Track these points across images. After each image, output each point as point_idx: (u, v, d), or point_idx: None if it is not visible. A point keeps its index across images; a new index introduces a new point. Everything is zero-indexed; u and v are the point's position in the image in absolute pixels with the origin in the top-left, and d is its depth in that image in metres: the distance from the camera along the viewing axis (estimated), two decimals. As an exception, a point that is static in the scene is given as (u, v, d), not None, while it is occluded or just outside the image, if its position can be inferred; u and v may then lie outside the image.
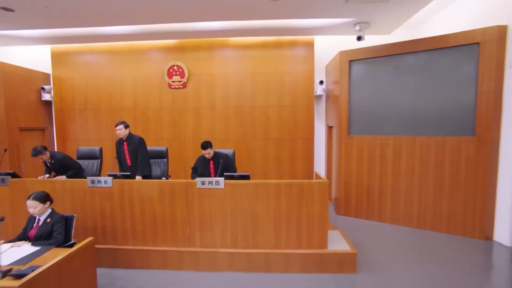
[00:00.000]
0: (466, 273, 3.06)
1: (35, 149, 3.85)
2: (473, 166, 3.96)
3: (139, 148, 3.94)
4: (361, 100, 4.87)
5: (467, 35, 3.91)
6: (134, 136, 4.06)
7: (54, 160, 3.98)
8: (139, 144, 3.98)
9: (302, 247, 3.16)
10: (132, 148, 3.98)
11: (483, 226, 3.94)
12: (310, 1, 4.13)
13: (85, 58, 6.21)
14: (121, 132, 3.91)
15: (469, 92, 3.97)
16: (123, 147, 4.01)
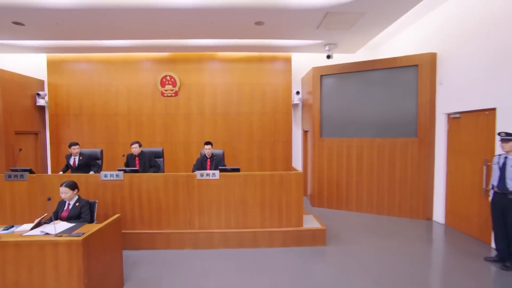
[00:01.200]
0: (412, 244, 3.96)
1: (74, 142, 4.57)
2: (416, 162, 4.97)
3: (150, 162, 4.61)
4: (331, 108, 5.79)
5: (409, 59, 4.98)
6: (145, 153, 4.68)
7: (82, 156, 4.49)
8: (149, 159, 4.63)
9: (282, 225, 3.91)
10: (142, 162, 4.60)
11: (425, 209, 4.94)
12: (288, 27, 5.02)
13: (81, 66, 6.66)
14: (136, 150, 4.64)
15: (412, 103, 5.01)
16: (135, 161, 4.61)
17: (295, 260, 3.47)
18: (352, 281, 2.94)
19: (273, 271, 3.21)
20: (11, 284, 2.16)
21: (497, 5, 3.63)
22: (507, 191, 3.06)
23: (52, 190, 3.81)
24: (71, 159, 4.68)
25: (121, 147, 6.62)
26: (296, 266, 3.33)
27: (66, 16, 4.48)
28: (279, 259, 3.51)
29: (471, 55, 4.07)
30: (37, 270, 2.17)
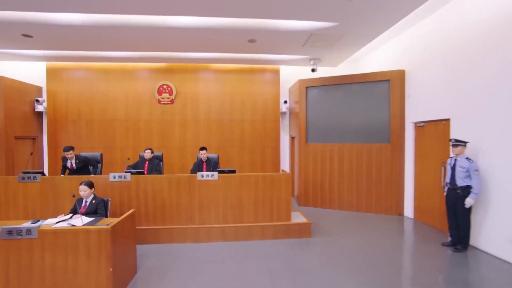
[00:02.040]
0: (385, 235, 4.58)
1: (68, 146, 4.72)
2: (389, 165, 5.66)
3: (157, 167, 5.15)
4: (315, 117, 6.42)
5: (383, 74, 5.71)
6: (154, 160, 5.10)
7: (78, 159, 4.80)
8: (157, 165, 5.10)
9: (273, 220, 4.44)
10: (150, 167, 5.05)
11: (397, 206, 5.62)
12: (278, 44, 5.64)
13: (80, 74, 6.98)
14: (148, 155, 5.07)
15: (385, 112, 5.72)
16: (144, 164, 5.01)
17: (284, 250, 3.99)
18: (333, 266, 3.49)
19: (266, 258, 3.71)
20: (49, 266, 2.55)
21: (450, 34, 4.39)
22: (456, 187, 3.75)
23: (63, 191, 4.17)
24: (68, 162, 4.93)
25: (119, 152, 6.96)
26: (285, 254, 3.85)
27: (74, 30, 4.89)
28: (271, 249, 4.02)
29: (431, 73, 4.82)
30: (71, 254, 2.57)
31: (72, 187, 4.17)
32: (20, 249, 2.53)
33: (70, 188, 4.17)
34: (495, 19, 3.62)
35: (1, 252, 2.51)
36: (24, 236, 2.53)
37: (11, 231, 2.51)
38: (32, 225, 2.64)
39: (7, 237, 2.51)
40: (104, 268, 2.60)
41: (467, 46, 4.05)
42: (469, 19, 4.02)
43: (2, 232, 2.50)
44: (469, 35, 4.02)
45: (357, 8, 4.12)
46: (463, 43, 4.13)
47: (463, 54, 4.14)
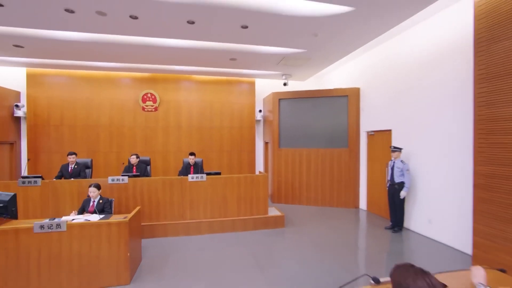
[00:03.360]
0: (344, 224, 5.62)
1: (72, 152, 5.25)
2: (347, 166, 6.79)
3: (144, 171, 5.58)
4: (287, 125, 7.38)
5: (342, 91, 6.85)
6: (141, 164, 5.59)
7: (77, 165, 5.16)
8: (145, 169, 5.59)
9: (253, 214, 5.25)
10: (138, 170, 5.49)
11: (354, 200, 6.77)
12: (255, 62, 6.50)
13: (63, 80, 7.16)
14: (134, 161, 5.49)
15: (344, 122, 6.86)
16: (132, 169, 5.47)
17: (263, 237, 4.82)
18: (303, 248, 4.39)
19: (248, 245, 4.50)
20: (76, 254, 3.08)
21: (393, 61, 5.60)
22: (394, 183, 4.90)
23: (64, 194, 4.56)
24: (68, 167, 5.32)
25: (102, 156, 7.25)
26: (264, 241, 4.68)
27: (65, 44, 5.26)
28: (252, 237, 4.83)
29: (379, 92, 6.02)
30: (95, 243, 3.13)
31: (72, 190, 4.59)
32: (50, 241, 3.03)
33: (71, 191, 4.58)
34: (428, 52, 4.83)
35: (34, 244, 2.99)
36: (54, 230, 3.03)
37: (43, 226, 3.00)
38: (61, 220, 3.14)
39: (39, 230, 2.99)
40: (123, 253, 3.19)
41: (406, 72, 5.26)
42: (409, 51, 5.23)
43: (35, 227, 2.98)
44: (408, 63, 5.24)
45: (321, 40, 5.13)
46: (403, 69, 5.34)
47: (403, 78, 5.35)
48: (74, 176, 5.30)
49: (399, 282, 1.10)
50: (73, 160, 5.32)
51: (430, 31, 4.62)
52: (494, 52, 3.22)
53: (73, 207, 4.57)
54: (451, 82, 4.20)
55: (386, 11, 3.96)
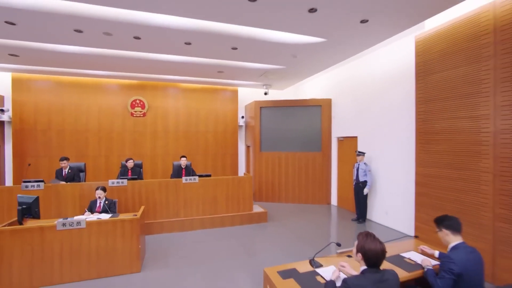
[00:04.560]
0: (318, 217, 6.50)
1: (64, 157, 5.47)
2: (321, 168, 7.72)
3: (139, 174, 5.96)
4: (267, 130, 8.15)
5: (316, 101, 7.77)
6: (136, 168, 5.99)
7: (71, 169, 5.46)
8: (139, 172, 5.99)
9: (240, 211, 5.94)
10: (133, 174, 5.89)
11: (326, 197, 7.72)
12: (240, 74, 7.20)
13: (50, 85, 7.31)
14: (131, 164, 5.88)
15: (318, 129, 7.79)
16: (128, 173, 5.87)
17: (249, 231, 5.53)
18: (284, 237, 5.17)
19: (237, 237, 5.19)
20: (94, 247, 3.57)
21: (360, 77, 6.60)
22: (359, 181, 5.86)
23: (65, 196, 4.92)
24: (62, 172, 5.63)
25: (91, 160, 7.51)
26: (250, 233, 5.40)
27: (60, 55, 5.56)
28: (240, 231, 5.52)
29: (348, 103, 7.01)
30: (111, 237, 3.64)
31: (74, 193, 4.98)
32: (71, 236, 3.49)
33: (73, 194, 4.96)
34: (386, 75, 5.84)
35: (57, 239, 3.44)
36: (75, 227, 3.50)
37: (65, 223, 3.46)
38: (81, 218, 3.61)
39: (62, 228, 3.45)
40: (135, 246, 3.74)
41: (369, 90, 6.26)
42: (372, 72, 6.23)
43: (58, 224, 3.43)
44: (370, 83, 6.24)
45: (299, 60, 5.96)
46: (367, 88, 6.34)
47: (366, 94, 6.35)
48: (68, 180, 5.61)
49: (361, 243, 1.84)
50: (65, 165, 5.59)
51: (387, 58, 5.64)
52: (429, 82, 4.23)
53: (75, 209, 4.96)
54: (401, 102, 5.22)
55: (350, 42, 4.86)
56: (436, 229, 2.25)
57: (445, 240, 2.17)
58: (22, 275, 3.32)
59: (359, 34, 4.51)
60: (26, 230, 3.36)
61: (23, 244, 3.33)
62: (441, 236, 2.20)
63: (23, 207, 3.50)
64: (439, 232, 2.22)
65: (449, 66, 3.95)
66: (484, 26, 3.47)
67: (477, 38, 3.55)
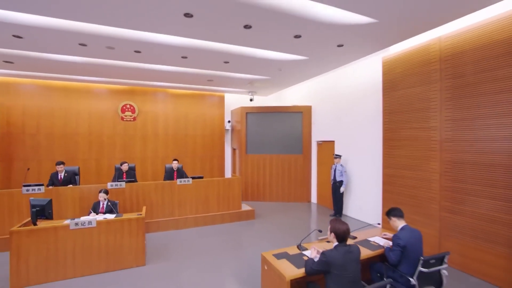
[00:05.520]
0: (300, 213, 7.19)
1: (60, 161, 5.63)
2: (302, 169, 8.44)
3: (133, 177, 6.27)
4: (253, 134, 8.74)
5: (298, 108, 8.48)
6: (131, 171, 6.30)
7: (67, 173, 5.68)
8: (134, 175, 6.30)
9: (229, 209, 6.47)
10: (128, 177, 6.20)
11: (307, 196, 8.45)
12: (228, 83, 7.72)
13: (38, 90, 7.39)
14: (126, 168, 6.18)
15: (299, 133, 8.50)
16: (122, 176, 6.16)
17: (239, 227, 6.09)
18: (271, 232, 5.79)
19: (229, 233, 5.73)
20: (104, 244, 3.95)
21: (337, 87, 7.38)
22: (336, 181, 6.62)
23: (66, 199, 5.19)
24: (57, 175, 5.83)
25: (81, 163, 7.67)
26: (240, 229, 5.95)
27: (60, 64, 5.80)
28: (230, 227, 6.06)
29: (326, 110, 7.77)
30: (119, 235, 4.04)
31: (74, 195, 5.25)
32: (83, 235, 3.86)
33: (73, 196, 5.24)
34: (359, 88, 6.64)
35: (70, 238, 3.79)
36: (86, 226, 3.87)
37: (78, 223, 3.82)
38: (92, 218, 3.98)
39: (75, 227, 3.81)
40: (140, 242, 4.17)
41: (345, 99, 7.05)
42: (348, 84, 7.01)
43: (71, 224, 3.79)
44: (346, 93, 7.02)
45: (283, 72, 6.61)
46: (343, 97, 7.12)
47: (343, 103, 7.13)
48: (65, 183, 5.82)
49: (332, 225, 2.50)
50: (61, 169, 5.81)
51: (361, 73, 6.44)
52: (393, 96, 5.05)
53: (75, 210, 5.25)
54: (372, 112, 6.03)
55: (328, 60, 5.58)
56: (388, 219, 2.96)
57: (394, 226, 2.88)
58: (38, 270, 3.64)
59: (336, 55, 5.24)
60: (42, 230, 3.68)
61: (39, 243, 3.66)
62: (391, 223, 2.92)
63: (37, 209, 3.80)
64: (390, 221, 2.93)
65: (407, 85, 4.77)
66: (433, 55, 4.31)
67: (428, 65, 4.39)
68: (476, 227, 3.75)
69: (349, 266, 2.38)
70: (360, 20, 3.75)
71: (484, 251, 3.67)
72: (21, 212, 4.93)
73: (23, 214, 4.94)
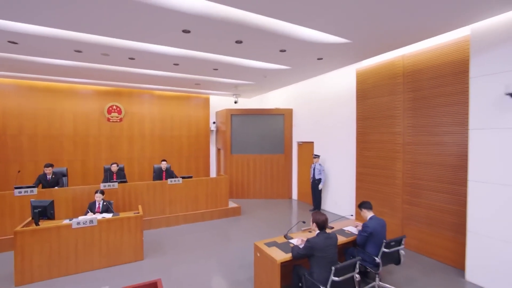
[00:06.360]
0: (282, 209, 7.77)
1: (49, 163, 5.69)
2: (284, 168, 9.03)
3: (123, 177, 6.46)
4: (237, 135, 9.18)
5: (279, 110, 9.04)
6: (120, 172, 6.48)
7: (55, 175, 5.77)
8: (123, 176, 6.50)
9: (217, 206, 6.89)
10: (117, 178, 6.38)
11: (288, 193, 9.06)
12: (215, 86, 8.08)
13: (21, 90, 7.30)
14: (115, 169, 6.36)
15: (281, 134, 9.07)
16: (113, 177, 6.33)
17: (227, 223, 6.54)
18: (257, 226, 6.30)
19: (216, 228, 6.15)
20: (104, 241, 4.23)
21: (317, 92, 8.01)
22: (315, 179, 7.27)
23: (59, 200, 5.33)
24: (46, 177, 5.90)
25: (66, 164, 7.68)
26: (229, 224, 6.40)
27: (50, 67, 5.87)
28: (219, 223, 6.48)
29: (306, 114, 8.40)
30: (119, 232, 4.33)
31: (67, 197, 5.40)
32: (85, 233, 4.11)
33: (66, 197, 5.38)
34: (336, 94, 7.31)
35: (72, 236, 4.03)
36: (87, 225, 4.13)
37: (79, 222, 4.07)
38: (93, 217, 4.23)
39: (77, 226, 4.05)
40: (139, 239, 4.49)
41: (323, 104, 7.69)
42: (326, 90, 7.65)
43: (73, 223, 4.03)
44: (325, 98, 7.67)
45: (267, 79, 7.12)
46: (321, 102, 7.76)
47: (321, 107, 7.78)
48: (53, 185, 5.92)
49: (314, 217, 3.05)
50: (50, 172, 5.88)
51: (338, 81, 7.10)
52: (365, 104, 5.74)
53: (68, 211, 5.40)
54: (347, 117, 6.72)
55: (309, 69, 6.16)
56: (360, 211, 3.58)
57: (364, 216, 3.51)
58: (42, 268, 3.86)
59: (316, 66, 5.83)
60: (45, 229, 3.90)
61: (42, 241, 3.88)
62: (362, 214, 3.54)
63: (39, 210, 3.99)
64: (361, 212, 3.55)
65: (377, 95, 5.47)
66: (398, 70, 5.02)
67: (394, 78, 5.10)
68: (429, 216, 4.52)
69: (328, 250, 2.94)
70: (337, 40, 4.34)
71: (435, 235, 4.44)
72: (13, 214, 5.02)
73: (15, 215, 5.03)
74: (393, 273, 4.07)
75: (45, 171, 5.85)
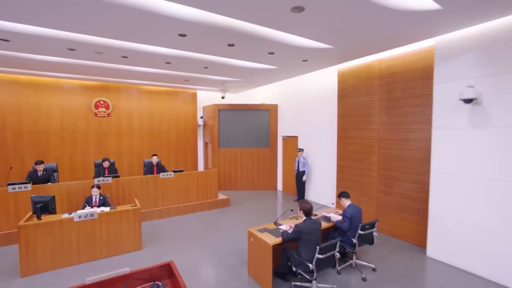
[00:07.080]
0: (268, 200, 8.25)
1: (40, 160, 5.74)
2: (269, 161, 9.48)
3: (115, 172, 6.58)
4: (224, 129, 9.48)
5: (265, 106, 9.41)
6: (112, 167, 6.60)
7: (46, 171, 5.84)
8: (115, 170, 6.63)
9: (208, 198, 7.25)
10: (109, 173, 6.50)
11: (274, 184, 9.56)
12: (203, 83, 8.29)
13: (4, 84, 7.14)
14: (107, 164, 6.47)
15: (267, 129, 9.48)
16: (104, 172, 6.46)
17: (217, 213, 6.92)
18: (245, 215, 6.73)
19: (209, 219, 6.53)
20: (105, 232, 4.48)
21: (300, 89, 8.45)
22: (299, 171, 7.79)
23: (53, 194, 5.45)
24: (37, 173, 5.96)
25: (53, 160, 7.67)
26: (219, 215, 6.79)
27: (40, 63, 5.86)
28: (209, 214, 6.86)
29: (291, 109, 8.84)
30: (118, 224, 4.59)
31: (62, 192, 5.54)
32: (86, 225, 4.34)
33: (60, 193, 5.51)
34: (319, 92, 7.77)
35: (74, 229, 4.25)
36: (88, 218, 4.36)
37: (81, 215, 4.29)
38: (93, 210, 4.45)
39: (78, 219, 4.27)
40: (137, 230, 4.77)
41: (307, 100, 8.15)
42: (310, 87, 8.10)
43: (75, 217, 4.24)
44: (308, 95, 8.12)
45: (255, 77, 7.44)
46: (305, 99, 8.22)
47: (305, 104, 8.23)
48: (44, 181, 5.99)
49: (300, 205, 3.51)
50: (41, 168, 5.94)
51: (321, 80, 7.57)
52: (345, 103, 6.25)
53: (63, 206, 5.55)
54: (329, 113, 7.22)
55: (295, 69, 6.56)
56: (339, 199, 4.10)
57: (343, 204, 4.03)
58: (46, 259, 4.08)
59: (301, 66, 6.23)
60: (48, 223, 4.09)
61: (45, 235, 4.08)
62: (341, 202, 4.06)
63: (41, 205, 4.16)
64: (340, 201, 4.07)
65: (356, 94, 5.99)
66: (374, 72, 5.54)
67: (371, 79, 5.62)
68: (399, 203, 5.15)
69: (313, 233, 3.42)
70: (321, 46, 4.75)
71: (404, 220, 5.09)
72: (8, 210, 5.10)
73: (10, 212, 5.12)
74: (368, 252, 4.67)
75: (36, 168, 5.91)
